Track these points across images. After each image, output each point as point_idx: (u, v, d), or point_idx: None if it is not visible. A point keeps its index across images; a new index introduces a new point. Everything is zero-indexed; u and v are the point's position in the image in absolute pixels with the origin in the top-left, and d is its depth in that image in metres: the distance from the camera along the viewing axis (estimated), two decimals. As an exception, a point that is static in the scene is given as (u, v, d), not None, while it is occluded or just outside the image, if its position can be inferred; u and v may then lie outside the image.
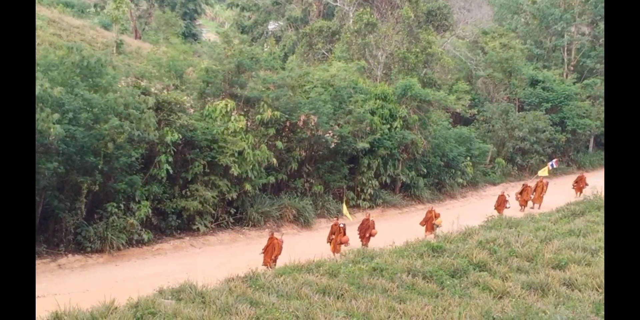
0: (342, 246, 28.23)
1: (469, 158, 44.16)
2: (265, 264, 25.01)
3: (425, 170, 40.78)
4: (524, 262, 25.79)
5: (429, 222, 32.01)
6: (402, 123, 38.72)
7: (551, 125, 51.17)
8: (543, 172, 43.06)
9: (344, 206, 31.15)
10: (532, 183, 41.50)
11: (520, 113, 51.85)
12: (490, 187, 45.38)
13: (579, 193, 41.84)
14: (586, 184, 42.22)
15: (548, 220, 33.53)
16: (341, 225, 28.27)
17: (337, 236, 28.18)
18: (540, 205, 39.67)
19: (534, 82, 54.53)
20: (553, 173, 50.17)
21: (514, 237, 28.80)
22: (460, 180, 43.02)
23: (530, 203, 39.87)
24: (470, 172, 43.81)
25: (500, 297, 21.90)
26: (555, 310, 20.04)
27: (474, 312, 19.55)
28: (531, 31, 62.10)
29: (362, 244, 29.04)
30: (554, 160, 46.74)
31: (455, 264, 24.46)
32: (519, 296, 21.87)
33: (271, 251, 25.19)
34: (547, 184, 40.67)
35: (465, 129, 46.88)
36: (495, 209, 36.70)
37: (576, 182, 43.26)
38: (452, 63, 53.31)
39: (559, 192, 41.81)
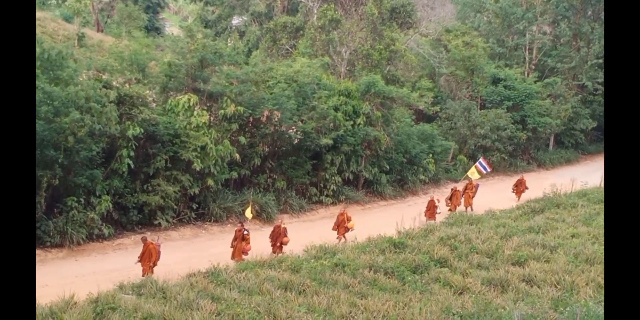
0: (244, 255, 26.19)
1: (431, 155, 44.46)
2: (144, 273, 22.94)
3: (387, 167, 40.97)
4: (484, 258, 26.14)
5: (341, 226, 30.12)
6: (365, 120, 38.84)
7: (512, 124, 51.74)
8: (472, 174, 40.81)
9: (249, 207, 29.44)
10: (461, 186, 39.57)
11: (482, 111, 52.35)
12: (452, 184, 45.74)
13: (518, 197, 41.03)
14: (526, 188, 41.20)
15: (508, 217, 33.99)
16: (245, 232, 26.13)
17: (238, 243, 26.07)
18: (471, 208, 37.59)
19: (495, 81, 55.08)
20: (513, 170, 50.86)
21: (474, 233, 29.15)
22: (422, 177, 43.30)
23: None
24: (433, 169, 44.13)
25: (461, 293, 22.19)
26: (514, 306, 20.37)
27: (434, 307, 19.77)
28: (493, 30, 62.72)
29: (273, 252, 26.88)
30: (482, 158, 44.22)
31: (416, 260, 24.72)
32: (479, 292, 22.17)
33: (148, 257, 23.11)
34: (477, 186, 39.22)
35: (428, 126, 47.17)
36: (425, 214, 34.51)
37: (516, 185, 42.00)
38: (415, 60, 53.59)
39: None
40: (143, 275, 22.54)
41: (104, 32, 67.52)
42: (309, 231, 30.76)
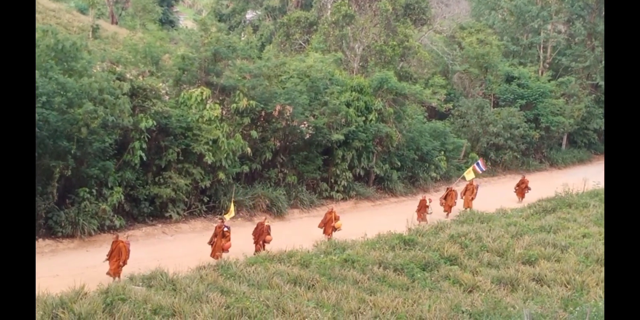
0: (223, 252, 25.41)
1: (443, 152, 44.35)
2: (112, 273, 22.02)
3: (399, 164, 40.89)
4: (495, 257, 26.08)
5: (328, 225, 29.40)
6: (377, 116, 38.77)
7: (525, 122, 51.50)
8: (469, 174, 38.58)
9: (232, 205, 28.40)
10: (458, 187, 38.43)
11: (495, 109, 52.12)
12: (464, 182, 45.65)
13: (521, 198, 40.36)
14: (528, 188, 40.41)
15: (519, 216, 33.86)
16: (225, 229, 25.24)
17: (218, 240, 25.23)
18: (470, 210, 35.46)
19: (509, 79, 54.83)
20: (525, 169, 50.66)
21: (485, 232, 29.07)
22: (433, 175, 43.18)
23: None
24: (444, 167, 44.01)
25: (470, 291, 22.14)
26: (524, 305, 20.30)
27: (443, 305, 19.75)
28: (508, 28, 62.37)
29: (256, 250, 26.18)
30: (479, 160, 42.16)
31: (426, 258, 24.67)
32: (488, 290, 22.12)
33: (117, 256, 22.16)
34: (477, 186, 37.74)
35: (440, 124, 47.02)
36: (416, 213, 33.30)
37: (518, 185, 41.15)
38: (428, 57, 53.38)
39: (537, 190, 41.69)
40: (109, 274, 21.80)
41: (118, 25, 67.63)
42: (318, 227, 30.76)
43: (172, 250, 24.36)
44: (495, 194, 40.37)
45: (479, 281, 22.94)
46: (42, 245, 25.37)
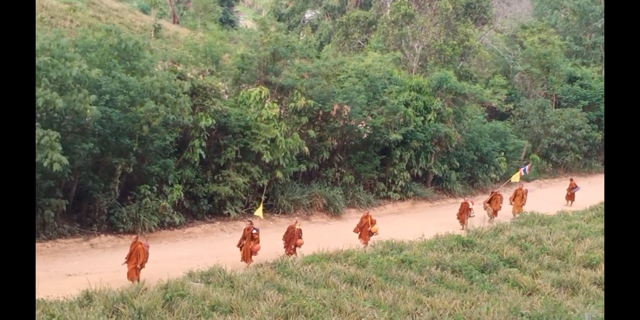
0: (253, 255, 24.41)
1: (503, 153, 43.75)
2: (130, 276, 21.22)
3: (458, 164, 40.49)
4: (555, 259, 25.58)
5: (364, 229, 27.75)
6: (436, 116, 38.45)
7: (588, 123, 50.47)
8: (515, 178, 37.91)
9: (261, 205, 27.74)
10: (507, 191, 37.53)
11: (557, 110, 51.19)
12: (524, 184, 44.95)
13: (570, 202, 39.26)
14: (574, 191, 39.29)
15: (581, 218, 33.16)
16: (254, 231, 24.27)
17: (247, 242, 24.24)
18: (518, 214, 34.30)
19: (572, 79, 53.80)
20: (587, 171, 49.63)
21: (545, 234, 28.55)
22: (493, 176, 42.63)
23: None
24: (504, 168, 43.39)
25: (530, 294, 21.76)
26: (584, 308, 19.86)
27: (502, 307, 19.44)
28: (571, 27, 61.23)
29: (286, 254, 24.99)
30: (527, 165, 41.46)
31: (485, 259, 24.34)
32: (548, 293, 21.72)
33: (136, 258, 21.34)
34: (526, 191, 35.82)
35: (501, 124, 46.39)
36: (457, 218, 32.23)
37: (568, 189, 39.99)
38: (489, 57, 52.78)
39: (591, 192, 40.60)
40: (129, 278, 21.11)
41: (179, 24, 68.58)
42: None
43: (230, 247, 24.49)
44: (551, 196, 39.56)
45: (538, 284, 22.53)
46: (104, 241, 25.87)
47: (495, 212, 33.98)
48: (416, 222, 31.67)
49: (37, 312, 15.82)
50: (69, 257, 24.04)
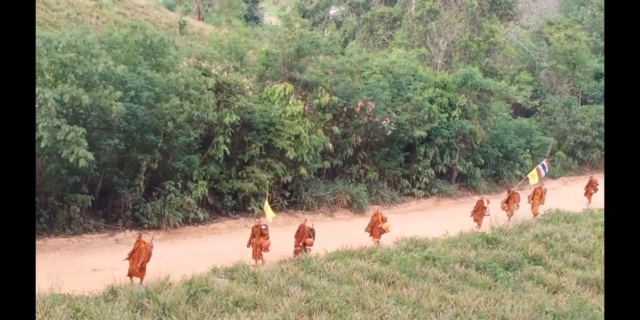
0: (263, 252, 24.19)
1: (528, 150, 43.43)
2: (130, 273, 20.83)
3: (482, 161, 40.25)
4: (581, 257, 25.37)
5: (375, 227, 27.34)
6: (461, 112, 38.24)
7: (615, 120, 49.87)
8: (533, 178, 35.58)
9: (266, 202, 26.74)
10: (526, 190, 36.40)
11: (583, 106, 50.70)
12: (550, 181, 44.51)
13: (589, 199, 38.54)
14: (596, 189, 38.26)
15: (607, 216, 32.75)
16: (263, 227, 24.06)
17: (257, 239, 23.97)
18: (536, 215, 33.47)
19: (598, 76, 53.17)
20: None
21: (571, 232, 28.33)
22: (518, 173, 42.28)
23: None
24: (530, 165, 42.99)
25: (555, 292, 21.60)
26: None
27: (527, 305, 19.30)
28: (597, 23, 60.45)
29: (294, 253, 24.48)
30: (544, 161, 38.29)
31: (509, 257, 24.19)
32: (573, 292, 21.53)
33: (138, 257, 20.97)
34: (545, 191, 34.72)
35: (526, 121, 46.03)
36: (472, 216, 31.54)
37: (587, 186, 39.30)
38: (515, 53, 52.37)
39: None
40: (128, 275, 20.75)
41: (204, 21, 68.88)
42: (400, 223, 30.56)
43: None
44: (576, 194, 39.24)
45: (563, 282, 22.35)
46: (129, 236, 26.03)
47: (512, 211, 33.07)
48: (440, 219, 31.53)
49: (63, 306, 15.98)
50: (95, 252, 24.25)
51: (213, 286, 18.38)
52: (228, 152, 29.22)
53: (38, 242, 23.61)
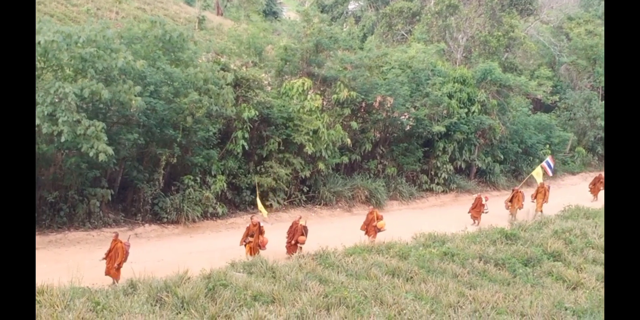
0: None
1: (548, 146, 43.15)
2: (107, 273, 20.12)
3: (502, 157, 40.06)
4: (600, 253, 25.15)
5: (370, 226, 26.61)
6: (480, 108, 38.05)
7: (635, 116, 49.46)
8: (538, 175, 34.44)
9: (258, 200, 26.32)
10: (529, 189, 35.80)
11: (604, 102, 50.27)
12: (569, 177, 44.32)
13: (595, 196, 37.61)
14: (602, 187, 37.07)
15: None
16: (261, 225, 23.80)
17: (256, 237, 23.42)
18: (541, 212, 32.71)
19: (619, 71, 52.70)
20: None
21: (591, 228, 28.12)
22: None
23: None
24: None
25: (574, 288, 21.47)
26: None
27: (546, 301, 19.22)
28: (619, 18, 59.89)
29: (287, 252, 23.96)
30: (549, 157, 37.02)
31: (528, 253, 24.07)
32: (593, 288, 21.39)
33: (114, 257, 20.20)
34: (548, 188, 33.74)
35: (546, 116, 45.75)
36: (470, 213, 31.19)
37: (593, 184, 38.42)
38: (534, 48, 52.06)
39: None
40: (106, 274, 20.09)
41: (223, 16, 69.02)
42: (418, 219, 30.52)
43: (272, 238, 24.54)
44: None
45: (583, 278, 22.20)
46: (148, 230, 26.21)
47: (515, 210, 32.19)
48: (459, 215, 31.38)
49: (82, 299, 16.10)
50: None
51: (231, 280, 18.44)
52: (246, 147, 29.27)
53: (58, 236, 23.83)
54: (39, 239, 23.23)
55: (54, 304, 15.63)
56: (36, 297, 15.32)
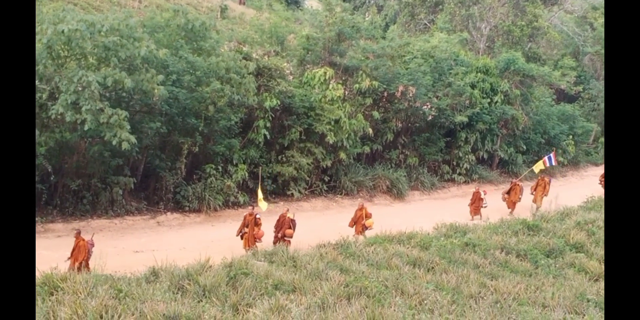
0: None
1: (571, 137, 42.85)
2: (70, 268, 18.76)
3: (524, 147, 39.83)
4: (623, 245, 24.90)
5: (358, 223, 25.36)
6: (503, 98, 37.81)
7: (661, 106, 48.91)
8: (537, 167, 34.41)
9: (259, 191, 25.48)
10: (527, 181, 35.48)
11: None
12: (592, 168, 43.97)
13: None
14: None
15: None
16: (257, 216, 23.01)
17: (250, 229, 22.89)
18: (539, 207, 31.82)
19: (645, 61, 52.10)
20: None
21: (614, 219, 27.80)
22: (561, 159, 41.74)
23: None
24: (572, 151, 42.51)
25: (596, 280, 21.26)
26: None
27: (568, 293, 19.06)
28: (645, 7, 59.19)
29: (274, 243, 23.07)
30: (552, 153, 36.51)
31: (551, 244, 23.89)
32: (616, 280, 21.15)
33: (77, 255, 19.29)
34: (549, 181, 33.06)
35: (569, 107, 45.39)
36: (469, 207, 30.44)
37: (603, 176, 35.43)
38: (558, 38, 51.58)
39: None
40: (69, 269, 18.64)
41: (245, 5, 68.85)
42: (440, 209, 30.42)
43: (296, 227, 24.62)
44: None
45: (606, 270, 22.01)
46: (170, 219, 26.34)
47: (513, 204, 31.45)
48: (480, 206, 31.23)
49: (105, 287, 16.20)
50: (136, 234, 24.56)
51: (252, 269, 18.45)
52: (268, 136, 29.30)
53: (81, 224, 24.00)
54: (62, 226, 23.45)
55: (77, 290, 15.74)
56: (59, 284, 15.45)
